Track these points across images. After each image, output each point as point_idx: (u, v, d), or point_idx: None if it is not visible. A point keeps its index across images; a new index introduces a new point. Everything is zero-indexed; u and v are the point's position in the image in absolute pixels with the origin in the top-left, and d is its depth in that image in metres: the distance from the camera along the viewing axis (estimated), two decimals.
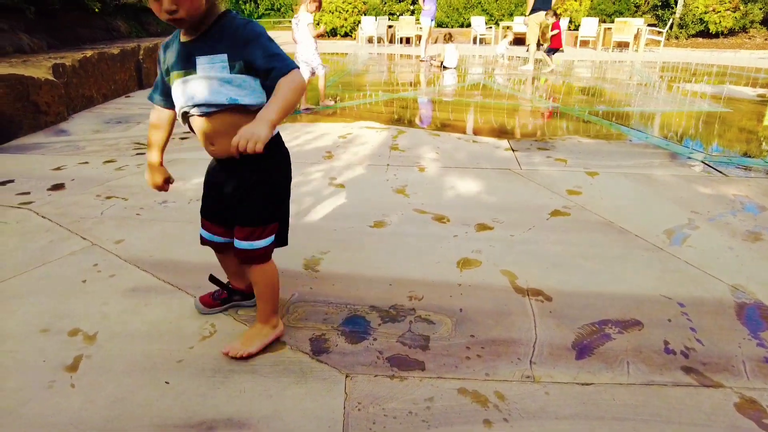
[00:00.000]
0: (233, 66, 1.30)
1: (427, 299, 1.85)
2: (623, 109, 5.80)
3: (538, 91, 7.15)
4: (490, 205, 2.75)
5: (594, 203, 2.78)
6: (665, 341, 1.62)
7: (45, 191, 2.90)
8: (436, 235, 2.39)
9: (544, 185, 3.07)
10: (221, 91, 1.32)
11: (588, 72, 9.62)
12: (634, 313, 1.78)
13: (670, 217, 2.62)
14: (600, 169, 3.40)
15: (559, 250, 2.24)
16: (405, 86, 7.54)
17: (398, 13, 17.01)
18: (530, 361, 1.53)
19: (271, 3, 25.90)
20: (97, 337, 1.61)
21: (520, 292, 1.91)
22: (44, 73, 4.49)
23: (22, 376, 1.43)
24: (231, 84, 1.32)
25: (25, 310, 1.75)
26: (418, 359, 1.53)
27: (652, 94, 6.93)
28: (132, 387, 1.40)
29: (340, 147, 3.92)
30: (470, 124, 5.01)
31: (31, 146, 3.87)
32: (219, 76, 1.31)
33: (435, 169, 3.38)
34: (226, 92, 1.32)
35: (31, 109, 4.23)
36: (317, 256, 2.16)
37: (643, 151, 3.92)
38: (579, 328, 1.69)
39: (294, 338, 1.62)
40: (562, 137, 4.34)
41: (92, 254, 2.17)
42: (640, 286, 1.95)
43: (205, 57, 1.31)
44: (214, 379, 1.44)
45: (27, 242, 2.27)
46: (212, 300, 1.74)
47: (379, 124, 4.76)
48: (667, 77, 8.58)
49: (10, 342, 1.58)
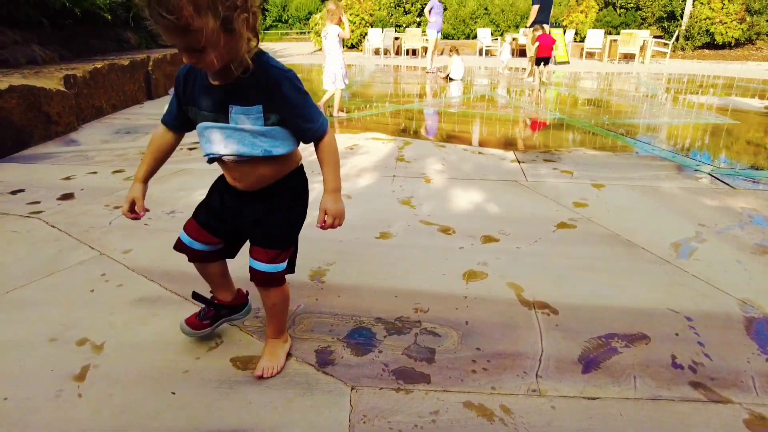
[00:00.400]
0: (268, 117, 1.27)
1: (433, 311, 1.84)
2: (629, 120, 5.80)
3: (544, 103, 7.16)
4: (496, 217, 2.75)
5: (600, 215, 2.78)
6: (673, 355, 1.61)
7: (54, 200, 2.93)
8: (442, 246, 2.39)
9: (550, 197, 3.07)
10: (255, 143, 1.30)
11: (594, 83, 9.63)
12: (641, 327, 1.77)
13: (677, 229, 2.61)
14: (606, 181, 3.39)
15: (565, 263, 2.23)
16: (411, 98, 7.59)
17: (405, 25, 17.16)
18: (536, 374, 1.52)
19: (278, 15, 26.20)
20: (104, 347, 1.62)
21: (526, 304, 1.90)
22: (56, 84, 4.56)
23: (30, 386, 1.44)
24: (266, 136, 1.30)
25: (34, 319, 1.76)
26: (424, 372, 1.53)
27: (659, 105, 6.93)
28: (139, 397, 1.41)
29: (347, 158, 3.94)
30: (476, 136, 5.02)
31: (42, 156, 3.91)
32: (254, 129, 1.28)
33: (441, 181, 3.39)
34: (261, 144, 1.30)
35: (43, 120, 4.29)
36: (323, 267, 2.17)
37: (649, 163, 3.91)
38: (585, 341, 1.69)
39: (300, 350, 1.62)
40: (568, 149, 4.34)
41: (100, 264, 2.19)
42: (646, 300, 1.94)
43: (240, 107, 1.26)
44: (220, 390, 1.44)
45: (36, 251, 2.29)
46: (199, 321, 1.62)
47: (385, 135, 4.79)
48: (674, 89, 8.58)
49: (19, 351, 1.59)
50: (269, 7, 26.19)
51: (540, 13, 9.27)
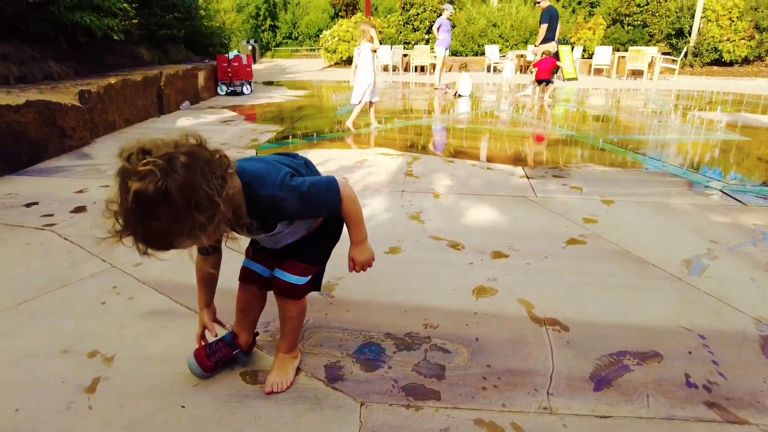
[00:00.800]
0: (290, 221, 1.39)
1: (443, 327, 1.84)
2: (638, 137, 5.79)
3: (552, 119, 7.18)
4: (505, 233, 2.75)
5: (610, 232, 2.76)
6: (686, 374, 1.59)
7: (68, 213, 2.97)
8: (452, 262, 2.39)
9: (559, 213, 3.06)
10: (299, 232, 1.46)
11: (602, 99, 9.65)
12: (653, 345, 1.75)
13: (688, 246, 2.59)
14: (616, 197, 3.38)
15: (575, 279, 2.22)
16: (419, 113, 7.63)
17: (413, 42, 17.33)
18: (547, 392, 1.51)
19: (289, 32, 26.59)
20: (114, 359, 1.63)
21: (536, 321, 1.89)
22: (71, 99, 4.65)
23: (41, 397, 1.45)
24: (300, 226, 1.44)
25: (47, 330, 1.78)
26: (434, 389, 1.52)
27: (668, 121, 6.92)
28: (149, 410, 1.41)
29: (355, 173, 3.97)
30: (484, 151, 5.03)
31: (56, 169, 3.97)
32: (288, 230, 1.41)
33: (450, 196, 3.40)
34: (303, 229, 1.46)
35: (57, 134, 4.36)
36: (332, 281, 2.17)
37: (659, 180, 3.90)
38: (597, 359, 1.67)
39: (309, 365, 1.62)
40: (577, 165, 4.34)
41: (111, 276, 2.21)
42: (658, 317, 1.92)
43: (265, 235, 1.38)
44: (230, 404, 1.44)
45: (49, 263, 2.31)
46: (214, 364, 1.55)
47: (393, 151, 4.81)
48: (683, 105, 8.58)
49: (31, 362, 1.60)
50: (280, 24, 26.61)
51: (549, 31, 9.34)
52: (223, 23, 15.05)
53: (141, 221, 1.01)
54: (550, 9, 9.45)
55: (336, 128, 6.13)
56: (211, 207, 1.04)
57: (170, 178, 0.97)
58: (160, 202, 0.98)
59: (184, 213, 1.01)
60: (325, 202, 1.33)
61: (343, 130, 5.89)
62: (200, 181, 1.02)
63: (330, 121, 6.72)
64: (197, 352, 1.56)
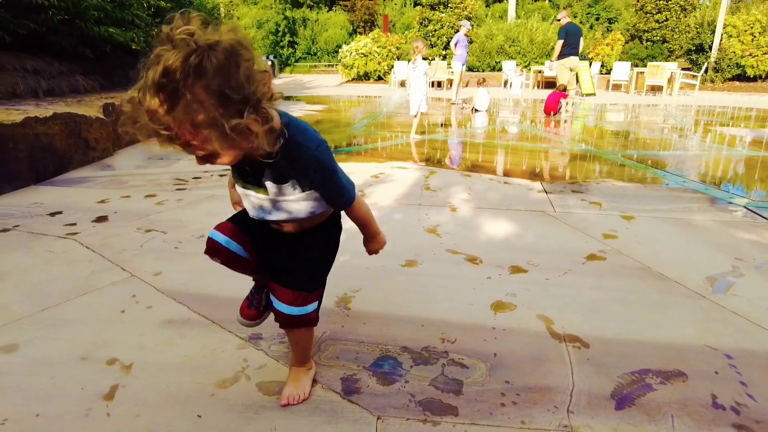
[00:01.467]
0: (303, 187, 1.28)
1: (460, 342, 1.81)
2: (658, 152, 5.72)
3: (570, 134, 7.14)
4: (523, 248, 2.72)
5: (631, 248, 2.72)
6: (713, 395, 1.54)
7: (90, 223, 3.02)
8: (469, 276, 2.37)
9: (578, 228, 3.02)
10: (300, 209, 1.32)
11: (621, 115, 9.57)
12: (677, 364, 1.70)
13: (712, 263, 2.53)
14: (636, 213, 3.33)
15: (595, 295, 2.18)
16: (436, 128, 7.65)
17: (430, 58, 17.45)
18: (567, 409, 1.47)
19: (308, 48, 27.01)
20: (133, 368, 1.64)
21: (556, 337, 1.86)
22: (95, 111, 4.77)
23: (61, 403, 1.46)
24: (307, 200, 1.31)
25: (68, 337, 1.80)
26: (452, 404, 1.49)
27: (688, 137, 6.82)
28: (165, 419, 1.41)
29: (372, 186, 3.98)
30: (502, 166, 5.02)
31: (79, 180, 4.06)
32: (293, 197, 1.29)
33: (467, 210, 3.38)
34: (305, 208, 1.33)
35: (82, 145, 4.47)
36: (349, 293, 2.16)
37: (680, 195, 3.83)
38: (618, 376, 1.63)
39: (325, 377, 1.61)
40: (596, 180, 4.30)
41: (131, 285, 2.23)
42: (682, 335, 1.87)
43: (274, 184, 1.26)
44: (246, 415, 1.43)
45: (71, 271, 2.35)
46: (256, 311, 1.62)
47: (410, 164, 4.82)
48: (704, 120, 8.46)
49: (52, 368, 1.62)
50: (299, 40, 27.04)
51: (566, 47, 9.33)
52: None
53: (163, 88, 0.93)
54: (568, 26, 9.47)
55: (353, 142, 6.18)
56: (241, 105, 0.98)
57: (208, 55, 0.94)
58: (191, 74, 0.93)
59: (211, 97, 0.95)
60: (344, 189, 1.35)
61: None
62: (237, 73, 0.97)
63: (347, 135, 6.78)
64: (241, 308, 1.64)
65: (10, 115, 3.70)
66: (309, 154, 1.21)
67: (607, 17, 25.48)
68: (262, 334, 1.84)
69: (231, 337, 1.83)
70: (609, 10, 25.66)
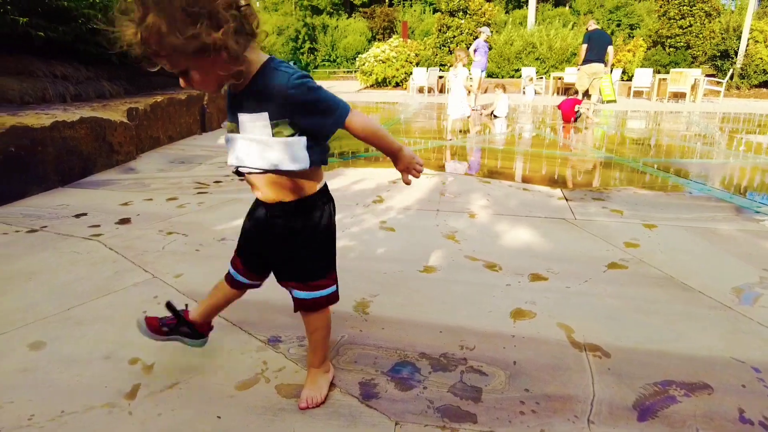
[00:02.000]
0: (275, 125, 1.23)
1: (479, 349, 1.80)
2: (680, 160, 5.62)
3: (591, 141, 7.06)
4: (543, 255, 2.69)
5: (653, 257, 2.67)
6: (740, 409, 1.50)
7: (113, 224, 3.08)
8: (488, 283, 2.35)
9: (599, 236, 2.98)
10: (263, 157, 1.27)
11: (642, 122, 9.44)
12: (702, 376, 1.66)
13: (738, 274, 2.47)
14: (658, 221, 3.28)
15: (617, 305, 2.15)
16: (454, 134, 7.63)
17: (449, 65, 17.46)
18: (588, 419, 1.45)
19: (327, 54, 27.24)
20: (154, 368, 1.66)
21: (576, 346, 1.83)
22: (120, 116, 4.87)
23: (85, 400, 1.49)
24: (273, 149, 1.25)
25: (92, 336, 1.84)
26: (470, 411, 1.48)
27: (712, 144, 6.69)
28: (185, 419, 1.42)
29: (390, 191, 3.99)
30: (521, 172, 4.98)
31: (103, 182, 4.15)
32: (260, 138, 1.25)
33: (486, 216, 3.36)
34: (268, 158, 1.26)
35: (106, 148, 4.57)
36: (367, 298, 2.17)
37: (704, 204, 3.76)
38: (641, 387, 1.60)
39: (344, 381, 1.61)
40: (617, 187, 4.24)
41: (153, 286, 2.27)
42: (706, 347, 1.83)
43: (247, 115, 1.25)
44: (264, 417, 1.44)
45: (95, 272, 2.40)
46: (158, 325, 1.60)
47: (428, 170, 4.82)
48: (728, 128, 8.29)
49: (77, 366, 1.66)
50: (318, 47, 27.30)
51: (589, 52, 9.25)
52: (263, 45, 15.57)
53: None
54: (592, 32, 9.39)
55: (371, 148, 6.19)
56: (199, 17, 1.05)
57: None
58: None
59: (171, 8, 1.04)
60: (335, 103, 1.26)
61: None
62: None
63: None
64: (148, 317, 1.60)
65: (40, 119, 3.80)
66: (284, 78, 1.20)
67: (628, 23, 25.20)
68: (281, 337, 1.85)
69: (250, 339, 1.84)
70: (630, 16, 25.39)
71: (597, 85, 9.41)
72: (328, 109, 1.26)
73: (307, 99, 1.22)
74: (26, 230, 2.95)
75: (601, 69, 9.29)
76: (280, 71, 1.21)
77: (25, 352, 1.73)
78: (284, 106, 1.21)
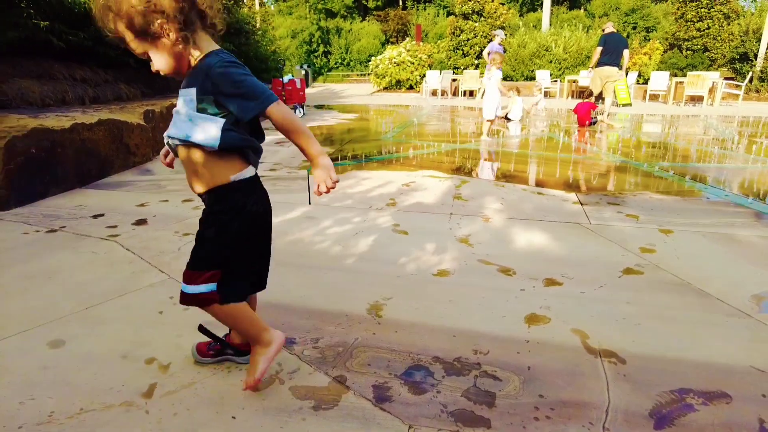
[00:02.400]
0: (201, 101, 1.32)
1: (493, 354, 1.79)
2: (697, 164, 5.55)
3: (606, 145, 7.00)
4: (558, 260, 2.67)
5: (669, 262, 2.64)
6: (761, 419, 1.48)
7: (130, 225, 3.13)
8: (502, 287, 2.34)
9: (615, 241, 2.95)
10: (182, 127, 1.36)
11: (658, 126, 9.33)
12: (720, 384, 1.64)
13: (757, 281, 2.43)
14: (675, 226, 3.23)
15: (632, 311, 2.13)
16: (468, 137, 7.62)
17: (462, 67, 17.43)
18: (603, 426, 1.44)
19: (341, 57, 27.35)
20: (170, 367, 1.68)
21: (591, 352, 1.81)
22: (137, 118, 4.94)
23: (102, 398, 1.51)
24: (191, 121, 1.34)
25: (109, 336, 1.87)
26: (484, 416, 1.48)
27: (730, 149, 6.59)
28: (201, 419, 1.44)
29: (404, 194, 3.99)
30: (535, 176, 4.95)
31: (120, 183, 4.21)
32: (185, 111, 1.35)
33: (500, 220, 3.35)
34: (185, 128, 1.35)
35: (123, 150, 4.64)
36: (380, 301, 2.17)
37: (722, 209, 3.70)
38: (657, 395, 1.58)
39: (357, 383, 1.62)
40: (633, 192, 4.19)
41: (169, 287, 2.30)
42: (725, 355, 1.80)
43: (182, 90, 1.37)
44: (279, 418, 1.45)
45: (113, 272, 2.44)
46: (206, 349, 1.71)
47: (441, 174, 4.81)
48: (747, 132, 8.16)
49: (95, 365, 1.68)
50: (332, 50, 27.43)
51: (604, 55, 9.16)
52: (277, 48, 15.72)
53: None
54: (608, 35, 9.30)
55: (385, 151, 6.21)
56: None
57: None
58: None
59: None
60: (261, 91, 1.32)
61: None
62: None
63: (378, 144, 6.82)
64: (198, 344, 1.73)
65: (60, 122, 3.87)
66: (216, 60, 1.32)
67: (644, 26, 24.96)
68: (296, 339, 1.86)
69: None
70: (647, 18, 25.14)
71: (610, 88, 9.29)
72: (250, 93, 1.32)
73: (228, 79, 1.31)
74: (46, 230, 3.00)
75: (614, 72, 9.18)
76: (218, 56, 1.34)
77: (44, 350, 1.77)
78: (208, 82, 1.31)
